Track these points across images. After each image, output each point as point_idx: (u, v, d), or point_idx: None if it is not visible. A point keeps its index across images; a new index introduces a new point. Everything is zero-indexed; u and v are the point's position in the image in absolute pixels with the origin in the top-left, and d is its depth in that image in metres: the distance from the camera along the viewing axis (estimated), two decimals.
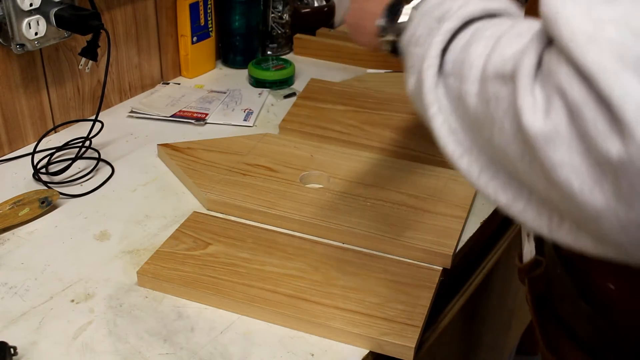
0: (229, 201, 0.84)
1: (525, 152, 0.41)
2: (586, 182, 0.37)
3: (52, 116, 1.02)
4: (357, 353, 0.66)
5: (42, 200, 0.83)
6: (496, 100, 0.43)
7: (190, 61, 1.22)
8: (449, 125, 0.49)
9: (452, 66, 0.49)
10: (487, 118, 0.44)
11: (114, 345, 0.65)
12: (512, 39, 0.44)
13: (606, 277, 0.57)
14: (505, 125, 0.42)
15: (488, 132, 0.44)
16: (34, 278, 0.74)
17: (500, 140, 0.43)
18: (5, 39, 0.90)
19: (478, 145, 0.47)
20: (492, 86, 0.43)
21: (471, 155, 0.48)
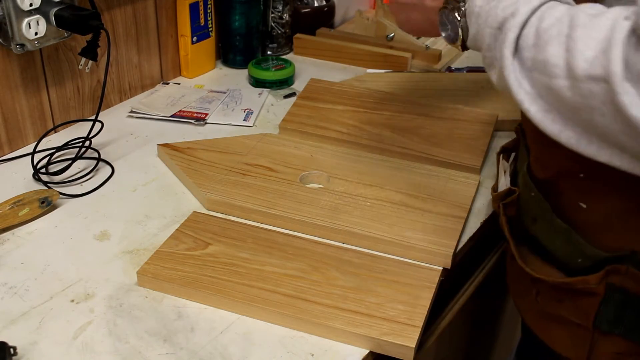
0: (229, 201, 0.84)
1: (626, 129, 0.51)
2: None
3: (52, 116, 1.02)
4: (357, 353, 0.66)
5: (42, 200, 0.83)
6: (592, 95, 0.52)
7: (190, 61, 1.22)
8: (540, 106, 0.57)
9: (532, 64, 0.56)
10: (585, 107, 0.53)
11: (114, 345, 0.65)
12: (585, 36, 0.52)
13: (578, 197, 0.66)
14: (605, 111, 0.51)
15: (587, 116, 0.53)
16: (34, 278, 0.74)
17: (602, 121, 0.52)
18: (5, 39, 0.90)
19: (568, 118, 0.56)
20: (585, 85, 0.52)
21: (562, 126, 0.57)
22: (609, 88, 0.50)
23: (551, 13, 0.56)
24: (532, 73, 0.57)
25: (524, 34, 0.58)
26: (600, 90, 0.51)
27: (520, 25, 0.58)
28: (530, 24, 0.57)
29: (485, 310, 1.01)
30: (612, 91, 0.50)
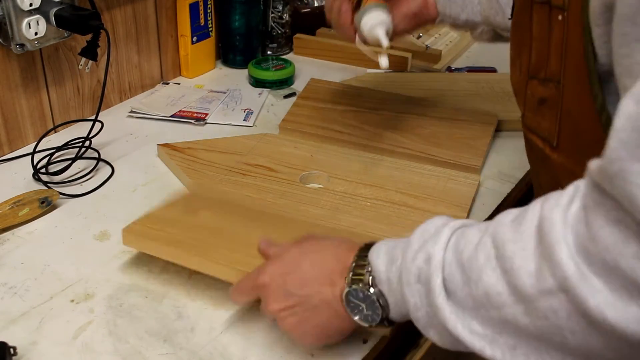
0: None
1: (607, 341, 0.41)
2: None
3: (52, 116, 1.02)
4: (357, 353, 0.66)
5: (42, 200, 0.83)
6: (554, 313, 0.43)
7: (190, 61, 1.22)
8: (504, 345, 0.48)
9: (472, 302, 0.48)
10: (552, 328, 0.44)
11: (114, 345, 0.65)
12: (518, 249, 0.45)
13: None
14: (575, 328, 0.42)
15: (559, 338, 0.44)
16: (34, 278, 0.74)
17: (576, 340, 0.43)
18: (5, 39, 0.90)
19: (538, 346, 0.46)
20: (542, 303, 0.43)
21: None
22: (570, 298, 0.41)
23: (467, 241, 0.50)
24: (479, 312, 0.48)
25: (447, 275, 0.50)
26: (560, 304, 0.42)
27: (440, 267, 0.50)
28: (449, 262, 0.50)
29: None
30: (576, 300, 0.41)
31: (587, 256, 0.41)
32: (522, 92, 0.67)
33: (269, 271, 0.62)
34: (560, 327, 0.43)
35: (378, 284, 0.56)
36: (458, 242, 0.51)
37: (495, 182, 0.93)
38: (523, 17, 0.63)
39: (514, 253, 0.45)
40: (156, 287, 0.73)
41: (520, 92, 0.68)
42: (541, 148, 0.65)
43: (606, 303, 0.40)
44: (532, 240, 0.44)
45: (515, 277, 0.45)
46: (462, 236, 0.51)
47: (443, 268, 0.50)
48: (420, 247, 0.52)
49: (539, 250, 0.44)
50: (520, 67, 0.66)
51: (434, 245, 0.51)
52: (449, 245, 0.51)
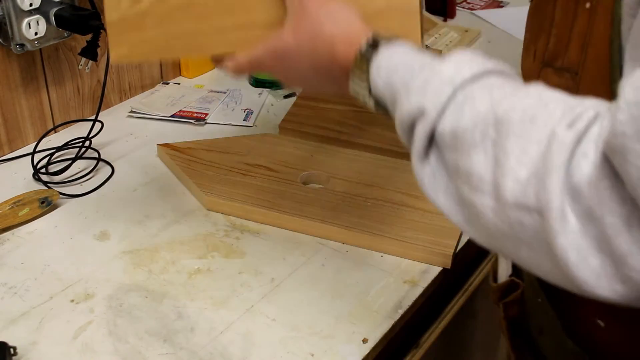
0: (229, 201, 0.84)
1: (559, 273, 0.40)
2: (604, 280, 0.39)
3: (52, 116, 1.02)
4: (357, 353, 0.66)
5: (42, 200, 0.83)
6: (521, 226, 0.41)
7: (190, 61, 1.22)
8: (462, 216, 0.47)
9: (454, 168, 0.46)
10: (511, 237, 0.42)
11: (114, 345, 0.65)
12: (518, 149, 0.41)
13: (595, 313, 0.53)
14: (535, 246, 0.41)
15: (512, 246, 0.43)
16: (34, 278, 0.74)
17: (529, 254, 0.42)
18: (5, 39, 0.90)
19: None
20: (513, 213, 0.41)
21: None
22: (543, 223, 0.39)
23: (471, 107, 0.45)
24: (454, 180, 0.46)
25: (438, 133, 0.47)
26: (531, 223, 0.40)
27: (425, 135, 0.47)
28: (445, 121, 0.46)
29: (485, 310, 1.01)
30: (546, 229, 0.39)
31: (578, 196, 0.38)
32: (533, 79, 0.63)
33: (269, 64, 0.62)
34: (519, 239, 0.42)
35: (377, 98, 0.54)
36: (462, 105, 0.46)
37: None
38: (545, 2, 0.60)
39: (513, 151, 0.41)
40: (156, 287, 0.73)
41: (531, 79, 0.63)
42: None
43: (573, 246, 0.38)
44: (537, 148, 0.40)
45: (503, 174, 0.42)
46: (469, 100, 0.46)
47: (434, 127, 0.47)
48: (418, 100, 0.48)
49: (537, 163, 0.40)
50: (535, 53, 0.63)
51: (432, 98, 0.47)
52: (449, 105, 0.47)
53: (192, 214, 0.85)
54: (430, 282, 0.75)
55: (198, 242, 0.80)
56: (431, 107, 0.47)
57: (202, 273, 0.75)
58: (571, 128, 0.39)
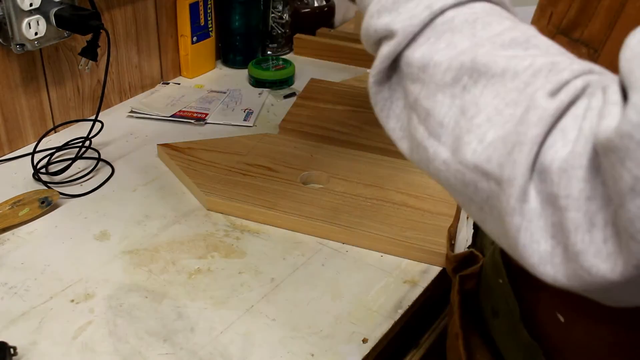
0: (229, 201, 0.84)
1: (504, 234, 0.37)
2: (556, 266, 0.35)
3: (52, 116, 1.02)
4: (357, 353, 0.66)
5: (42, 200, 0.83)
6: (475, 188, 0.37)
7: (190, 61, 1.22)
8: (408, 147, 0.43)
9: (413, 100, 0.42)
10: (463, 194, 0.39)
11: (114, 346, 0.65)
12: (491, 103, 0.37)
13: (557, 306, 0.48)
14: (486, 210, 0.37)
15: (463, 201, 0.39)
16: (34, 278, 0.74)
17: (479, 215, 0.39)
18: (5, 39, 0.90)
19: None
20: (469, 174, 0.37)
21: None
22: (499, 194, 0.36)
23: (450, 41, 0.40)
24: (410, 113, 0.42)
25: (405, 58, 0.42)
26: (487, 190, 0.36)
27: (396, 52, 0.42)
28: (416, 49, 0.41)
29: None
30: (502, 202, 0.35)
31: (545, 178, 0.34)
32: None
33: None
34: (469, 198, 0.38)
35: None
36: (439, 36, 0.41)
37: None
38: None
39: (486, 107, 0.37)
40: (156, 287, 0.73)
41: None
42: None
43: (527, 227, 0.35)
44: (511, 111, 0.36)
45: (468, 130, 0.37)
46: (448, 32, 0.41)
47: (398, 55, 0.43)
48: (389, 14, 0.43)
49: (508, 128, 0.36)
50: (550, 16, 0.56)
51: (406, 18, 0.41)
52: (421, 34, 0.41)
53: (192, 214, 0.85)
54: (430, 282, 0.75)
55: (198, 242, 0.80)
56: (401, 31, 0.41)
57: (202, 273, 0.75)
58: (554, 97, 0.35)
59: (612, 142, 0.32)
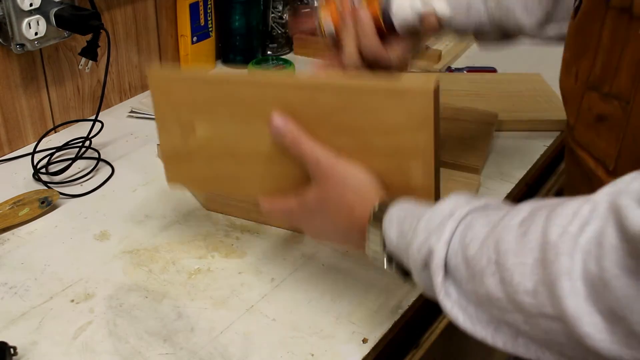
0: (227, 201, 0.84)
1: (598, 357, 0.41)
2: None
3: (52, 116, 1.02)
4: (358, 353, 0.66)
5: (42, 200, 0.83)
6: (554, 333, 0.42)
7: (190, 61, 1.22)
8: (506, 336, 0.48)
9: (476, 298, 0.48)
10: (550, 341, 0.44)
11: (114, 345, 0.65)
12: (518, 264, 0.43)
13: None
14: (573, 346, 0.42)
15: (558, 347, 0.44)
16: (34, 278, 0.74)
17: (573, 352, 0.43)
18: (5, 39, 0.90)
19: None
20: (542, 322, 0.43)
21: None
22: (568, 328, 0.41)
23: (473, 235, 0.48)
24: (482, 307, 0.48)
25: (452, 267, 0.49)
26: (558, 328, 0.42)
27: (441, 265, 0.50)
28: (453, 255, 0.49)
29: None
30: (574, 332, 0.40)
31: (595, 296, 0.39)
32: (575, 102, 0.62)
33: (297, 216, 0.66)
34: (559, 343, 0.43)
35: (393, 252, 0.57)
36: (465, 234, 0.49)
37: (495, 182, 0.93)
38: (590, 21, 0.57)
39: (514, 267, 0.44)
40: (156, 287, 0.73)
41: (574, 102, 0.62)
42: (592, 168, 0.61)
43: (606, 342, 0.39)
44: (532, 257, 0.43)
45: (514, 291, 0.44)
46: (470, 228, 0.49)
47: (447, 262, 0.50)
48: (425, 240, 0.51)
49: (538, 271, 0.42)
50: (577, 74, 0.61)
51: (437, 241, 0.50)
52: (453, 239, 0.50)
53: (192, 214, 0.85)
54: None
55: (198, 242, 0.80)
56: (439, 248, 0.50)
57: (202, 273, 0.75)
58: (563, 235, 0.41)
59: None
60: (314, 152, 0.63)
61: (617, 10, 0.53)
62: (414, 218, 0.54)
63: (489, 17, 0.76)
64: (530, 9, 0.74)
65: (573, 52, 0.63)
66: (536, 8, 0.74)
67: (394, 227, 0.56)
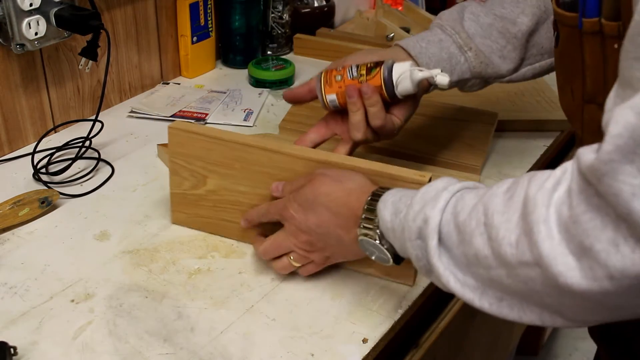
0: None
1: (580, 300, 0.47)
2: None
3: (52, 116, 1.02)
4: (357, 353, 0.66)
5: (42, 200, 0.83)
6: (532, 281, 0.48)
7: (190, 61, 1.22)
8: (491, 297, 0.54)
9: (466, 259, 0.54)
10: (531, 291, 0.50)
11: (114, 345, 0.65)
12: (504, 221, 0.50)
13: None
14: (551, 293, 0.48)
15: (537, 298, 0.50)
16: (34, 278, 0.74)
17: (552, 301, 0.49)
18: (5, 39, 0.90)
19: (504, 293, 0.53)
20: (521, 271, 0.49)
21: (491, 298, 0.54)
22: (543, 271, 0.47)
23: (464, 204, 0.55)
24: (471, 268, 0.54)
25: (444, 235, 0.55)
26: (536, 275, 0.48)
27: (436, 230, 0.55)
28: (446, 222, 0.55)
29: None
30: (548, 274, 0.46)
31: (568, 235, 0.45)
32: (577, 116, 0.68)
33: (290, 207, 0.69)
34: (537, 291, 0.49)
35: (384, 234, 0.62)
36: (456, 204, 0.55)
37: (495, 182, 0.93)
38: (571, 47, 0.64)
39: (500, 224, 0.50)
40: (156, 287, 0.73)
41: (576, 116, 0.68)
42: None
43: (576, 278, 0.45)
44: (517, 214, 0.49)
45: (498, 245, 0.50)
46: (461, 199, 0.56)
47: (440, 229, 0.55)
48: (421, 209, 0.57)
49: (520, 224, 0.48)
50: (572, 93, 0.67)
51: (432, 209, 0.56)
52: (447, 208, 0.56)
53: None
54: (431, 282, 0.75)
55: (198, 242, 0.80)
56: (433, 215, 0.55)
57: (202, 273, 0.75)
58: (540, 190, 0.47)
59: (597, 172, 0.43)
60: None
61: (590, 34, 0.60)
62: (408, 197, 0.60)
63: (470, 69, 0.82)
64: (506, 56, 0.81)
65: (563, 75, 0.69)
66: (511, 55, 0.81)
67: (388, 208, 0.61)
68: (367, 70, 0.78)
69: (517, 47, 0.81)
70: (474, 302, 0.54)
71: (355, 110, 0.78)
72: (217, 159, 0.77)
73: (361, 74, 0.78)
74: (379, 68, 0.77)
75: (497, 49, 0.81)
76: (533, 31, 0.81)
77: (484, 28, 0.81)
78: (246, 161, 0.76)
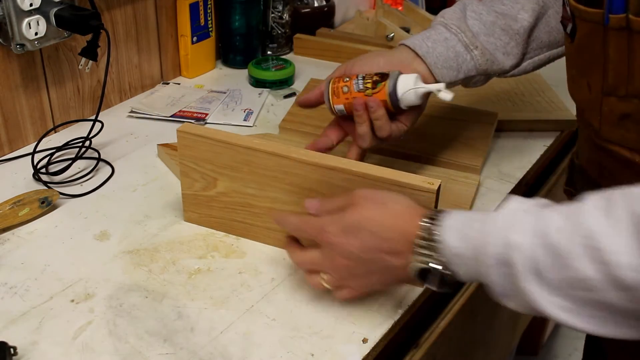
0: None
1: None
2: None
3: (52, 116, 1.02)
4: (357, 353, 0.66)
5: (42, 200, 0.83)
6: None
7: (190, 61, 1.22)
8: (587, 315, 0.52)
9: (560, 283, 0.52)
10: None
11: (114, 345, 0.65)
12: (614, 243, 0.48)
13: None
14: None
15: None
16: (34, 278, 0.74)
17: None
18: (5, 39, 0.90)
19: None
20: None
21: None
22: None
23: (549, 224, 0.53)
24: (567, 291, 0.52)
25: (533, 259, 0.53)
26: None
27: (523, 254, 0.53)
28: (532, 245, 0.53)
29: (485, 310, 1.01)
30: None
31: None
32: (595, 108, 0.68)
33: (331, 230, 0.65)
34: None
35: (450, 260, 0.59)
36: (539, 225, 0.53)
37: (495, 182, 0.93)
38: (592, 41, 0.64)
39: (610, 246, 0.48)
40: (156, 287, 0.73)
41: (593, 108, 0.68)
42: (628, 157, 0.67)
43: None
44: (631, 237, 0.47)
45: (615, 270, 0.48)
46: (541, 219, 0.53)
47: (527, 254, 0.53)
48: (499, 233, 0.55)
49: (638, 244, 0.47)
50: (589, 86, 0.68)
51: (514, 233, 0.54)
52: (529, 230, 0.53)
53: None
54: None
55: (198, 242, 0.80)
56: (517, 238, 0.53)
57: (202, 273, 0.75)
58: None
59: None
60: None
61: (616, 29, 0.60)
62: (476, 221, 0.57)
63: (476, 67, 0.83)
64: (510, 52, 0.82)
65: (579, 69, 0.69)
66: (514, 51, 0.82)
67: (452, 233, 0.58)
68: (373, 83, 0.79)
69: (520, 43, 0.82)
70: (567, 322, 0.52)
71: (361, 122, 0.79)
72: (225, 162, 0.77)
73: (367, 87, 0.79)
74: (385, 83, 0.78)
75: (501, 45, 0.82)
76: (533, 27, 0.83)
77: (487, 26, 0.82)
78: (254, 165, 0.76)
